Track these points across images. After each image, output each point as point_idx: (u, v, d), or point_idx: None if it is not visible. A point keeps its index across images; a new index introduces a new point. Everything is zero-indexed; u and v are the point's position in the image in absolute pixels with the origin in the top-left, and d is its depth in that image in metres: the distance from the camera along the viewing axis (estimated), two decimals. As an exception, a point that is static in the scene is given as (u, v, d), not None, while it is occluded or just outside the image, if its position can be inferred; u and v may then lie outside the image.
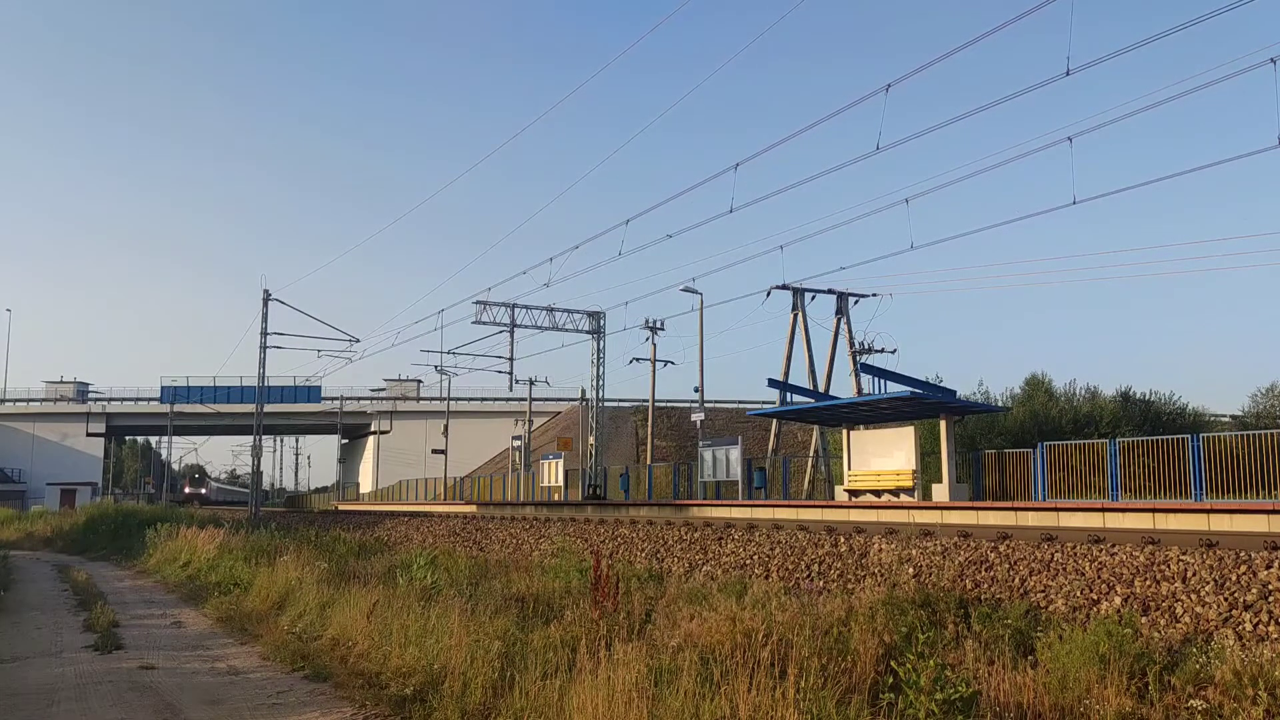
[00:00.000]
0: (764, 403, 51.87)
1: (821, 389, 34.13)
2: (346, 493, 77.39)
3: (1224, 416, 46.27)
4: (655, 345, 43.32)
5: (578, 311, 37.62)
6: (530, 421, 53.13)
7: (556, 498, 38.08)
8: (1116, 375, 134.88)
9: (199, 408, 74.55)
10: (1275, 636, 6.23)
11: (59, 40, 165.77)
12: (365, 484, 78.88)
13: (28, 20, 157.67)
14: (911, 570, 9.10)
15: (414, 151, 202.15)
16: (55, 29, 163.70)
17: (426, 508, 40.32)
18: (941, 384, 24.76)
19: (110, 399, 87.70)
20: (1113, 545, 8.24)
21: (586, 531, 14.80)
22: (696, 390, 40.43)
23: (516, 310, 37.06)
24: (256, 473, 35.20)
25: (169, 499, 74.13)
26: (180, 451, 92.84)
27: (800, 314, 35.65)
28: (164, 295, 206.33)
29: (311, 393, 62.73)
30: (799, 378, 34.62)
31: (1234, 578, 7.00)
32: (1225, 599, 6.80)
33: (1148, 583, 7.39)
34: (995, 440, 32.16)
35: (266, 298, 34.01)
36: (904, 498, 21.83)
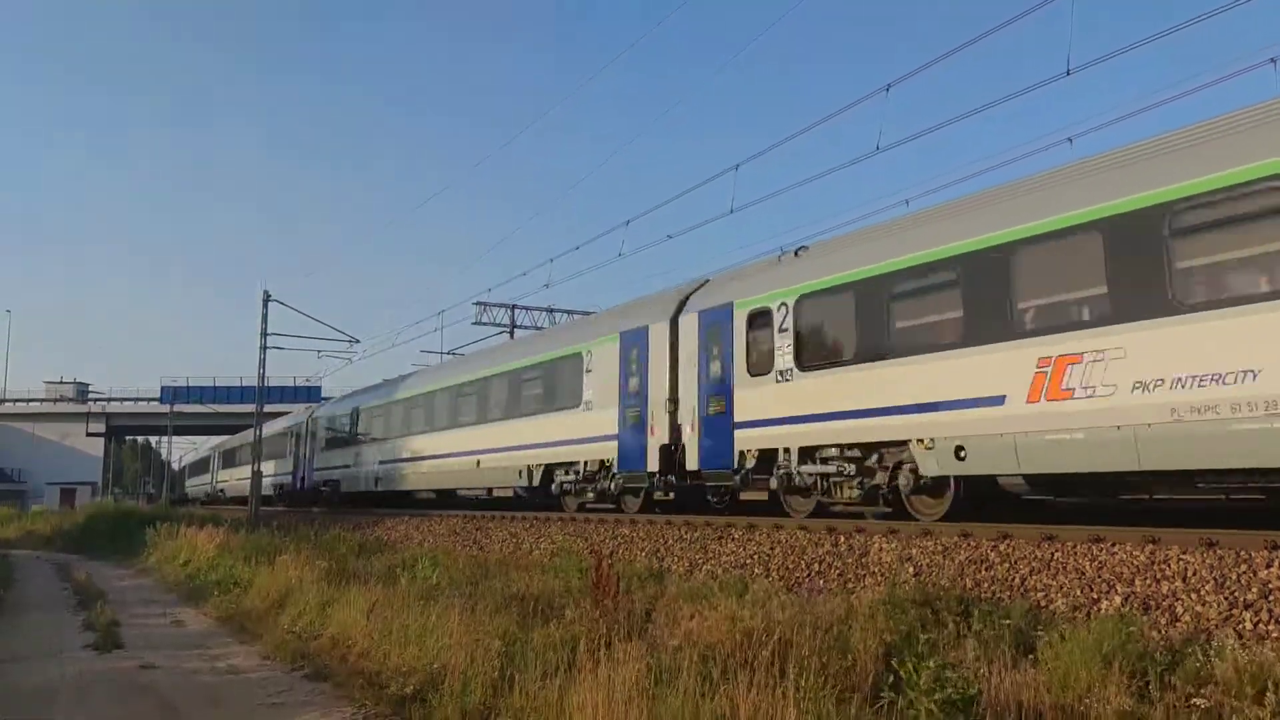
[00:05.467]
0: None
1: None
2: (347, 492, 77.03)
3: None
4: (655, 345, 43.23)
5: (578, 312, 37.65)
6: (531, 421, 52.63)
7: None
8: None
9: (199, 408, 74.46)
10: (1276, 635, 6.23)
11: (60, 38, 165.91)
12: (365, 483, 78.51)
13: (28, 17, 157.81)
14: (912, 569, 9.09)
15: (414, 152, 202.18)
16: (56, 26, 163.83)
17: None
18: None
19: (110, 399, 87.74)
20: (1113, 544, 8.23)
21: (586, 531, 14.79)
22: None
23: (516, 311, 37.12)
24: (256, 473, 35.15)
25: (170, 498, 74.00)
26: (180, 451, 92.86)
27: (801, 313, 35.19)
28: (164, 295, 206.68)
29: (311, 393, 62.69)
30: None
31: (1234, 577, 6.99)
32: (1225, 598, 6.80)
33: (1148, 582, 7.39)
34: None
35: (266, 298, 33.96)
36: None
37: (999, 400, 9.93)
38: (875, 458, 11.68)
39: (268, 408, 37.74)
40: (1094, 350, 9.10)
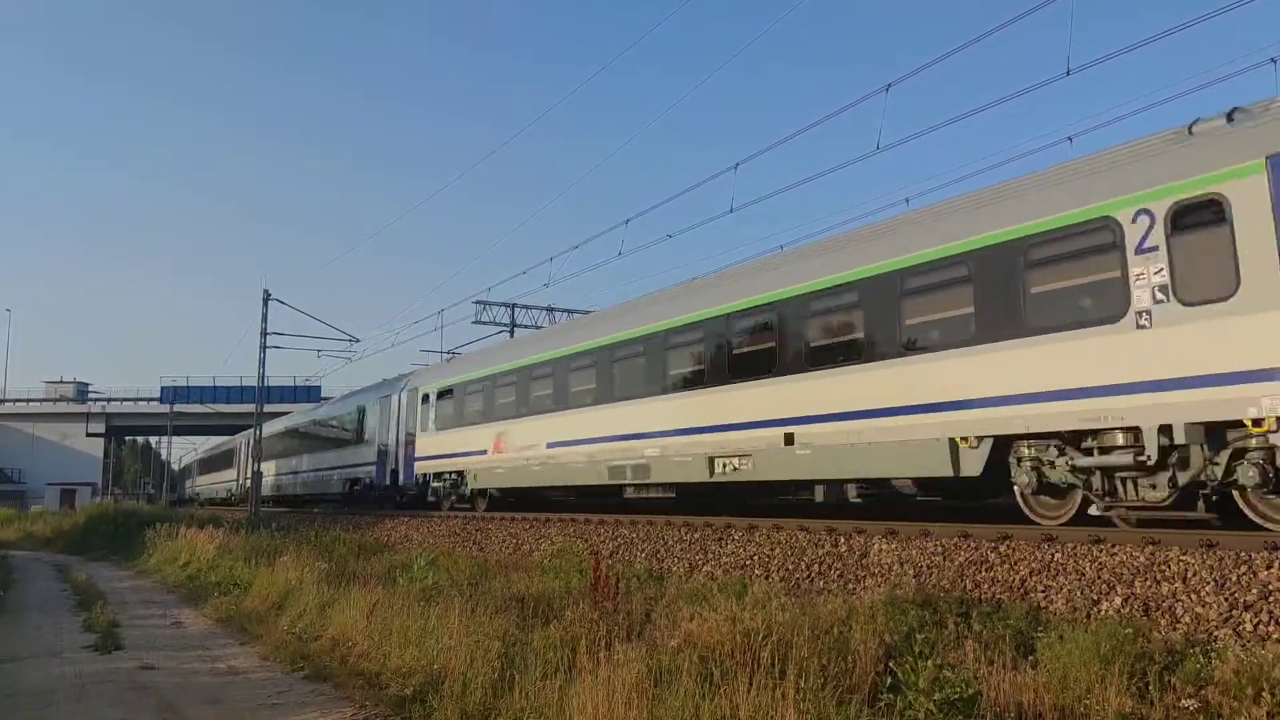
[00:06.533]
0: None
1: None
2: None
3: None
4: (655, 345, 43.13)
5: (578, 311, 37.63)
6: (530, 421, 52.52)
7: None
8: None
9: (199, 408, 74.48)
10: (1276, 636, 6.23)
11: (60, 37, 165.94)
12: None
13: (27, 15, 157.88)
14: (912, 570, 9.09)
15: (415, 151, 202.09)
16: (56, 25, 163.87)
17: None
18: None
19: (110, 399, 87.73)
20: (1113, 545, 8.23)
21: (586, 531, 14.78)
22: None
23: (516, 310, 37.13)
24: (256, 473, 35.15)
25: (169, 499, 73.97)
26: (180, 451, 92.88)
27: (802, 313, 34.91)
28: (164, 295, 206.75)
29: (311, 393, 62.69)
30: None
31: (1234, 578, 6.99)
32: (1225, 599, 6.80)
33: (1148, 583, 7.39)
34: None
35: (266, 298, 34.00)
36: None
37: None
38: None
39: (267, 408, 37.77)
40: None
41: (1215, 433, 8.50)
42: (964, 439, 10.39)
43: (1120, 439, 9.05)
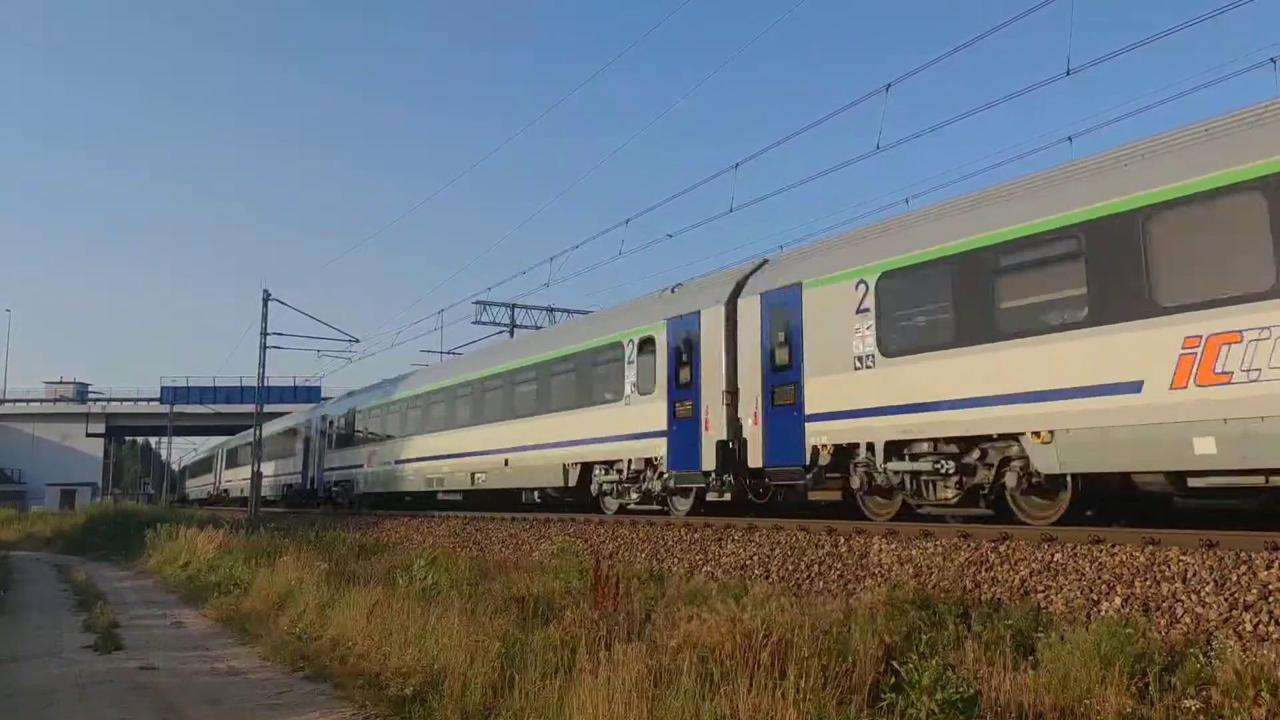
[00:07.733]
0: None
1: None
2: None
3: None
4: (655, 345, 43.11)
5: (578, 311, 37.65)
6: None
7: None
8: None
9: (199, 408, 74.38)
10: (1276, 636, 6.22)
11: (62, 38, 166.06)
12: (365, 484, 78.42)
13: (30, 15, 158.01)
14: (911, 571, 9.09)
15: (415, 151, 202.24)
16: (59, 26, 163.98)
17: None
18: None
19: (110, 399, 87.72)
20: (1113, 545, 8.23)
21: (586, 531, 14.77)
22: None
23: (516, 310, 37.17)
24: (256, 473, 35.14)
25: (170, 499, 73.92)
26: (180, 451, 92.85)
27: (801, 313, 34.69)
28: (164, 295, 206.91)
29: (311, 393, 62.60)
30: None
31: (1234, 578, 6.99)
32: (1225, 599, 6.80)
33: (1148, 583, 7.39)
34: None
35: (266, 298, 33.99)
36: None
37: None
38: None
39: (267, 408, 37.76)
40: None
41: None
42: None
43: None
